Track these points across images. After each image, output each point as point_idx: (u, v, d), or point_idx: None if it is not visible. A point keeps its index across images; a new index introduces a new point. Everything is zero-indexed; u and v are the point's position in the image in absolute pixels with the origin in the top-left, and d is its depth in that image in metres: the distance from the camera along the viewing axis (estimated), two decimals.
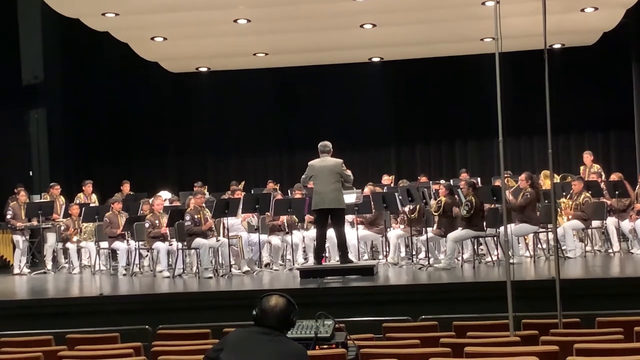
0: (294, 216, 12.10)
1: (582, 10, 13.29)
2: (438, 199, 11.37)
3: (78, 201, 13.84)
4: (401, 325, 7.21)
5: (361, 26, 13.89)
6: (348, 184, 10.55)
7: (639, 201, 11.91)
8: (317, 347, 4.76)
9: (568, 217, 11.72)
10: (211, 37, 14.28)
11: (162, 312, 8.97)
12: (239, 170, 17.36)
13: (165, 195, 13.75)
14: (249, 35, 14.20)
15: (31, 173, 16.00)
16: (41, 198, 14.51)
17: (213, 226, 11.56)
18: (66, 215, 13.17)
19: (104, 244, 12.55)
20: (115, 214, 12.48)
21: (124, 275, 12.00)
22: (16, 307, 9.59)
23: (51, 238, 13.12)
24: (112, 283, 11.41)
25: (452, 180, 13.86)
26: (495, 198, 11.18)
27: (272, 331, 3.94)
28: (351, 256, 10.73)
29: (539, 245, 11.75)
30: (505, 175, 8.88)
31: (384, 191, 12.74)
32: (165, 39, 14.30)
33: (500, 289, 7.10)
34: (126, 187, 14.83)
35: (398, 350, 5.71)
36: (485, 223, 11.08)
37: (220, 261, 11.52)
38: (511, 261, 8.13)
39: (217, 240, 11.39)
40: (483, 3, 12.39)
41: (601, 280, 9.59)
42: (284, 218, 12.10)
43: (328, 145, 10.41)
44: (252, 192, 13.59)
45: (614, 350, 5.33)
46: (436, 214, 11.39)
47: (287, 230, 12.03)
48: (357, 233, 11.66)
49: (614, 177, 12.27)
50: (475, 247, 11.51)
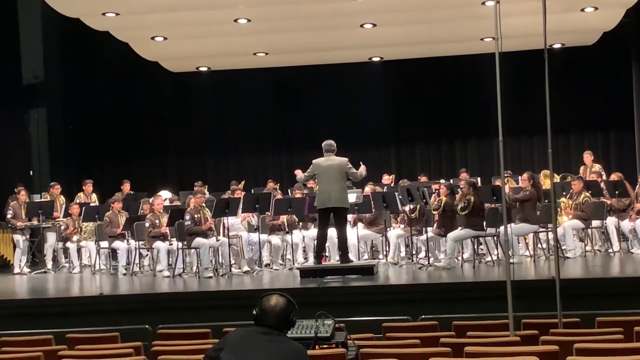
0: (294, 216, 12.10)
1: (582, 10, 13.29)
2: (439, 198, 11.37)
3: (78, 201, 13.84)
4: (401, 325, 7.22)
5: (361, 26, 13.90)
6: (356, 180, 10.60)
7: (639, 201, 11.91)
8: (317, 347, 4.76)
9: (568, 217, 11.72)
10: (211, 37, 14.28)
11: (162, 312, 8.97)
12: (239, 169, 17.35)
13: (165, 194, 13.75)
14: (249, 34, 14.20)
15: (31, 172, 16.01)
16: (41, 197, 14.52)
17: (213, 226, 11.56)
18: (66, 214, 13.18)
19: (104, 244, 12.56)
20: (115, 214, 12.48)
21: (124, 274, 12.00)
22: (16, 307, 9.60)
23: (51, 237, 13.12)
24: (112, 282, 11.41)
25: (452, 180, 13.85)
26: (495, 198, 11.19)
27: (272, 331, 3.94)
28: (351, 256, 10.74)
29: (539, 244, 11.75)
30: (505, 175, 8.89)
31: (384, 191, 12.75)
32: (165, 39, 14.30)
33: (500, 289, 7.10)
34: (126, 187, 14.83)
35: (398, 350, 5.71)
36: (485, 223, 11.09)
37: (220, 261, 11.53)
38: (511, 261, 8.13)
39: (217, 239, 11.39)
40: (483, 3, 12.40)
41: (601, 280, 9.59)
42: (284, 218, 12.10)
43: (333, 144, 10.40)
44: (252, 192, 13.60)
45: (614, 350, 5.33)
46: (436, 212, 11.39)
47: (287, 229, 12.03)
48: (357, 233, 11.66)
49: (614, 177, 12.27)
50: (475, 247, 11.51)
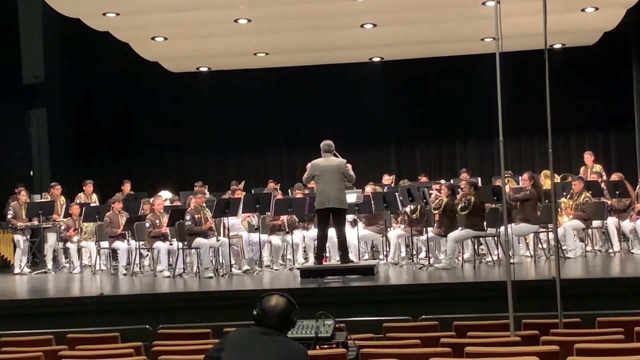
0: (295, 216, 12.10)
1: (583, 10, 13.29)
2: (440, 198, 11.36)
3: (78, 201, 13.84)
4: (401, 325, 7.21)
5: (361, 26, 13.89)
6: (349, 184, 10.55)
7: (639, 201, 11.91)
8: (318, 347, 4.76)
9: (568, 217, 11.72)
10: (212, 37, 14.28)
11: (163, 312, 8.97)
12: (240, 170, 17.36)
13: (165, 195, 13.75)
14: (250, 35, 14.20)
15: (32, 173, 16.01)
16: (42, 198, 14.51)
17: (213, 226, 11.56)
18: (67, 215, 13.18)
19: (105, 244, 12.56)
20: (115, 214, 12.48)
21: (125, 275, 12.00)
22: (17, 307, 9.60)
23: (52, 238, 13.12)
24: (113, 283, 11.41)
25: (453, 180, 13.85)
26: (495, 198, 11.19)
27: (273, 331, 3.94)
28: (351, 256, 10.73)
29: (540, 245, 11.75)
30: (505, 175, 8.89)
31: (385, 191, 12.75)
32: (165, 39, 14.30)
33: (500, 289, 7.10)
34: (127, 187, 14.83)
35: (398, 350, 5.71)
36: (485, 223, 11.09)
37: (220, 261, 11.53)
38: (511, 261, 8.14)
39: (218, 240, 11.39)
40: (483, 3, 12.39)
41: (602, 280, 9.59)
42: (285, 218, 12.10)
43: (332, 144, 10.40)
44: (253, 192, 13.59)
45: (615, 350, 5.33)
46: (436, 212, 11.39)
47: (288, 230, 12.03)
48: (358, 233, 11.65)
49: (615, 177, 12.27)
50: (475, 247, 11.51)
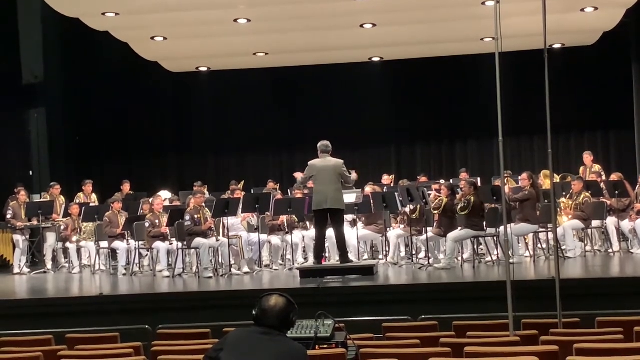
0: (294, 216, 12.10)
1: (582, 10, 13.29)
2: (439, 198, 11.36)
3: (78, 201, 13.84)
4: (401, 325, 7.21)
5: (361, 26, 13.89)
6: (348, 185, 10.54)
7: (639, 201, 11.91)
8: (317, 347, 4.76)
9: (568, 217, 11.72)
10: (211, 37, 14.28)
11: (162, 312, 8.98)
12: (239, 169, 17.35)
13: (165, 194, 13.75)
14: (249, 34, 14.20)
15: (31, 173, 16.00)
16: (41, 198, 14.51)
17: (213, 226, 11.56)
18: (66, 215, 13.18)
19: (104, 244, 12.55)
20: (115, 214, 12.47)
21: (124, 275, 12.00)
22: (16, 307, 9.60)
23: (51, 238, 13.11)
24: (112, 283, 11.41)
25: (452, 180, 13.85)
26: (495, 198, 11.19)
27: (272, 331, 3.94)
28: (351, 256, 10.74)
29: (539, 245, 11.75)
30: (505, 175, 8.88)
31: (384, 191, 12.74)
32: (165, 39, 14.30)
33: (500, 289, 7.10)
34: (126, 187, 14.83)
35: (398, 350, 5.71)
36: (485, 223, 11.09)
37: (220, 261, 11.53)
38: (511, 261, 8.13)
39: (217, 240, 11.40)
40: (483, 3, 12.39)
41: (601, 280, 9.60)
42: (284, 218, 12.10)
43: (329, 145, 10.40)
44: (252, 192, 13.59)
45: (614, 350, 5.33)
46: (436, 212, 11.39)
47: (287, 230, 12.03)
48: (357, 233, 11.65)
49: (614, 177, 12.27)
50: (475, 247, 11.51)
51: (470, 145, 17.47)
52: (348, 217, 12.09)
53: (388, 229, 12.13)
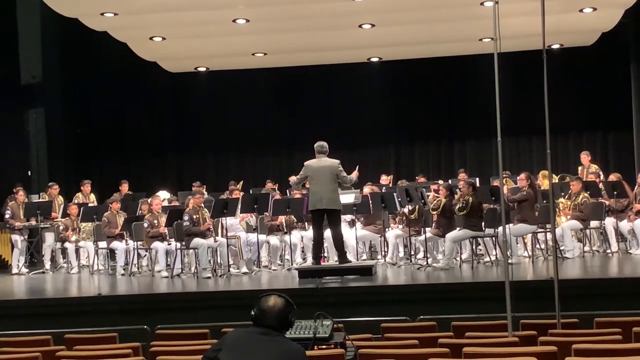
0: (293, 216, 12.10)
1: (581, 10, 13.31)
2: (438, 198, 11.37)
3: (76, 201, 13.84)
4: (400, 325, 7.22)
5: (360, 26, 13.90)
6: (345, 185, 10.53)
7: (638, 201, 11.91)
8: (316, 347, 4.76)
9: (566, 218, 11.72)
10: (210, 37, 14.28)
11: (161, 312, 8.98)
12: (238, 170, 17.35)
13: (163, 195, 13.75)
14: (248, 35, 14.20)
15: (30, 173, 15.97)
16: (40, 198, 14.49)
17: (211, 226, 11.56)
18: (65, 215, 13.16)
19: (103, 244, 12.54)
20: (113, 214, 12.47)
21: (123, 275, 11.99)
22: (14, 307, 9.59)
23: (49, 238, 13.10)
24: (111, 283, 11.40)
25: (451, 180, 13.85)
26: (493, 198, 11.19)
27: (271, 331, 3.94)
28: (350, 256, 10.74)
29: (538, 245, 11.76)
30: (503, 175, 8.89)
31: (383, 191, 12.75)
32: (164, 39, 14.30)
33: (498, 289, 7.09)
34: (125, 187, 14.82)
35: (396, 350, 5.71)
36: (483, 223, 11.09)
37: (218, 261, 11.52)
38: (510, 261, 8.13)
39: (216, 240, 11.40)
40: (482, 3, 12.40)
41: (599, 280, 9.60)
42: (283, 218, 12.10)
43: (325, 145, 10.39)
44: (251, 192, 13.60)
45: (613, 350, 5.33)
46: (434, 212, 11.39)
47: (286, 230, 12.03)
48: (356, 233, 11.65)
49: (613, 178, 12.27)
50: (473, 247, 11.50)
51: (468, 145, 17.48)
52: (347, 218, 12.10)
53: (386, 229, 12.13)
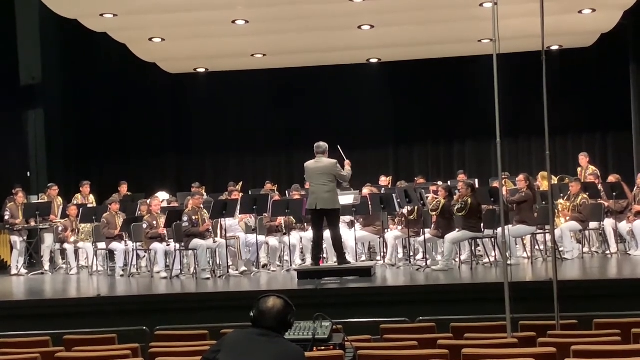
0: (292, 217, 12.10)
1: (580, 12, 13.33)
2: (437, 199, 11.36)
3: (76, 202, 13.82)
4: (399, 326, 7.21)
5: (359, 27, 13.90)
6: (345, 183, 10.54)
7: (637, 203, 11.91)
8: (315, 349, 4.75)
9: (565, 219, 11.72)
10: (209, 38, 14.28)
11: (160, 313, 8.97)
12: (237, 171, 17.34)
13: (162, 196, 13.74)
14: (247, 36, 14.20)
15: (29, 174, 15.97)
16: (39, 199, 14.49)
17: (211, 227, 11.55)
18: (64, 216, 13.15)
19: (102, 245, 12.53)
20: (112, 215, 12.46)
21: (122, 276, 11.98)
22: (13, 308, 9.59)
23: (49, 239, 13.09)
24: (110, 284, 11.39)
25: (450, 181, 13.85)
26: (493, 199, 11.19)
27: (270, 332, 3.94)
28: (349, 257, 10.74)
29: (537, 246, 11.75)
30: (503, 176, 8.88)
31: (382, 192, 12.74)
32: (163, 40, 14.30)
33: (497, 291, 7.09)
34: (124, 188, 14.81)
35: (396, 351, 5.70)
36: (482, 224, 11.09)
37: (217, 262, 11.52)
38: (509, 262, 8.13)
39: (215, 241, 11.39)
40: (481, 4, 12.41)
41: (599, 281, 9.60)
42: (282, 219, 12.09)
43: (322, 146, 10.41)
44: (250, 193, 13.59)
45: (612, 352, 5.33)
46: (433, 213, 11.39)
47: (285, 231, 12.02)
48: (355, 234, 11.65)
49: (612, 179, 12.28)
50: (472, 249, 11.49)
51: (468, 146, 17.48)
52: (346, 219, 12.10)
53: (386, 231, 12.13)
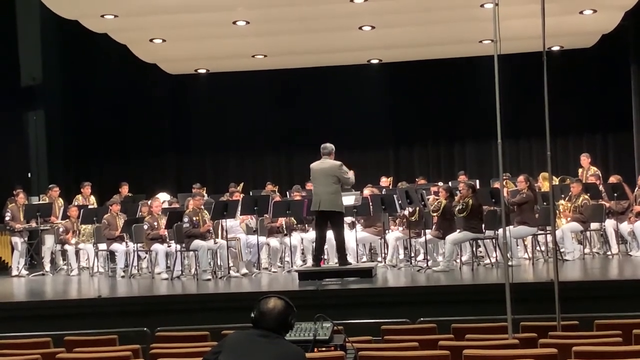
0: (293, 218, 12.10)
1: (581, 12, 13.32)
2: (438, 200, 11.36)
3: (76, 203, 13.82)
4: (400, 327, 7.20)
5: (360, 28, 13.91)
6: (347, 186, 10.53)
7: (638, 203, 11.91)
8: (316, 350, 4.75)
9: (567, 220, 11.72)
10: (210, 39, 14.29)
11: (161, 314, 8.97)
12: (238, 172, 17.34)
13: (163, 197, 13.73)
14: (248, 37, 14.20)
15: (30, 175, 15.97)
16: (40, 200, 14.48)
17: (211, 228, 11.55)
18: (65, 217, 13.15)
19: (102, 246, 12.52)
20: (113, 216, 12.46)
21: (122, 277, 11.97)
22: (14, 309, 9.59)
23: (49, 240, 13.09)
24: (111, 285, 11.40)
25: (451, 182, 13.85)
26: (494, 200, 11.18)
27: (271, 333, 3.93)
28: (350, 258, 10.73)
29: (538, 247, 11.75)
30: (503, 177, 8.88)
31: (383, 193, 12.74)
32: (164, 41, 14.30)
33: (498, 292, 7.09)
34: (125, 189, 14.81)
35: (397, 352, 5.70)
36: (483, 225, 11.08)
37: (218, 263, 11.51)
38: (510, 263, 8.12)
39: (216, 242, 11.39)
40: (482, 5, 12.39)
41: (600, 282, 9.60)
42: (283, 220, 12.09)
43: (327, 147, 10.41)
44: (251, 194, 13.58)
45: (613, 353, 5.33)
46: (434, 214, 11.38)
47: (286, 232, 12.02)
48: (356, 235, 11.65)
49: (613, 180, 12.27)
50: (473, 250, 11.49)
51: (468, 147, 17.48)
52: (347, 219, 12.07)
53: (387, 231, 12.13)
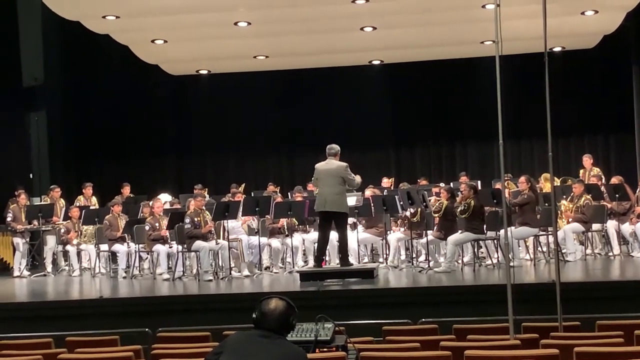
0: (294, 219, 12.10)
1: (583, 13, 13.32)
2: (439, 201, 11.36)
3: (78, 204, 13.82)
4: (401, 328, 7.21)
5: (361, 29, 13.91)
6: (352, 188, 10.55)
7: (639, 204, 11.90)
8: (317, 350, 4.75)
9: (568, 220, 11.71)
10: (211, 40, 14.29)
11: (162, 315, 8.97)
12: (240, 172, 17.34)
13: (165, 197, 13.73)
14: (249, 37, 14.21)
15: (31, 175, 15.97)
16: (41, 201, 14.50)
17: (213, 229, 11.55)
18: (66, 217, 13.16)
19: (104, 247, 12.52)
20: (115, 217, 12.46)
21: (124, 277, 11.98)
22: (16, 310, 9.60)
23: (51, 241, 13.10)
24: (112, 286, 11.41)
25: (452, 183, 13.85)
26: (495, 201, 11.18)
27: (272, 334, 3.93)
28: (351, 259, 10.73)
29: (539, 248, 11.74)
30: (505, 178, 8.88)
31: (385, 194, 12.73)
32: (165, 42, 14.31)
33: (500, 292, 7.09)
34: (126, 190, 14.82)
35: (398, 353, 5.71)
36: (485, 226, 11.07)
37: (220, 264, 11.50)
38: (511, 264, 8.13)
39: (217, 243, 11.38)
40: (483, 6, 12.39)
41: (601, 283, 9.60)
42: (284, 221, 12.09)
43: (334, 148, 10.42)
44: (252, 195, 13.58)
45: (614, 353, 5.32)
46: (436, 215, 11.38)
47: (287, 233, 12.02)
48: (358, 236, 11.64)
49: (615, 180, 12.27)
50: (475, 250, 11.49)
51: (470, 148, 17.47)
52: (348, 220, 12.08)
53: (388, 232, 12.13)
